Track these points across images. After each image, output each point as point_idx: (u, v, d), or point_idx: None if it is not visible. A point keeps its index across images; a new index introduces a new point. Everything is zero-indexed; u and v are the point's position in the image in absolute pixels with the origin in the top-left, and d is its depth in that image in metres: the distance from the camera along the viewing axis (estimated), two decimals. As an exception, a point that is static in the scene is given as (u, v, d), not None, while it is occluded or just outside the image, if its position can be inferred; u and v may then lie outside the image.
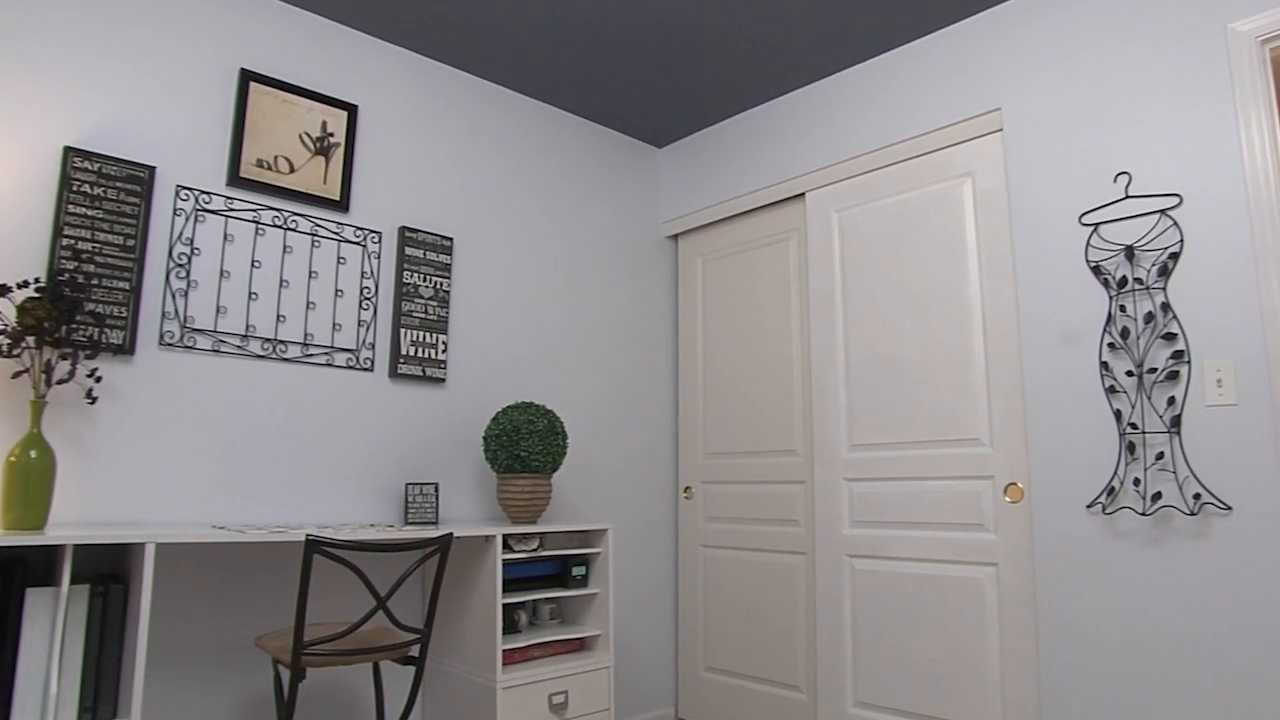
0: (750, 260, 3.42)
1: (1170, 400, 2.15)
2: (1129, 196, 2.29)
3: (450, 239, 2.95)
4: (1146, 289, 2.23)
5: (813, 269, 3.12)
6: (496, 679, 2.33)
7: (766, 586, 3.16)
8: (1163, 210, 2.22)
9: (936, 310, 2.72)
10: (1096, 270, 2.33)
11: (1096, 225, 2.35)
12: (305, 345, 2.56)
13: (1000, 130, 2.62)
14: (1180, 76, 2.23)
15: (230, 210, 2.46)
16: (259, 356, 2.46)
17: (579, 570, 2.71)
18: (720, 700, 3.27)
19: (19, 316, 1.91)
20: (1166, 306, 2.18)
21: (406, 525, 2.52)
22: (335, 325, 2.64)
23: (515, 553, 2.51)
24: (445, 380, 2.89)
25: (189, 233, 2.37)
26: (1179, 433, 2.13)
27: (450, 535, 2.04)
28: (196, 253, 2.38)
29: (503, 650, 2.40)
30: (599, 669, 2.60)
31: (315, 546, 1.79)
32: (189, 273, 2.36)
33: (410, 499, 2.57)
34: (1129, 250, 2.26)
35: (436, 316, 2.87)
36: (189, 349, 2.34)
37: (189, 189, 2.38)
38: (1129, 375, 2.23)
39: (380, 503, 2.68)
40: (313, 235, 2.62)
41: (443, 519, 2.84)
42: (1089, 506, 2.28)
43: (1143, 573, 2.17)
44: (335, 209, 2.68)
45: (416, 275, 2.84)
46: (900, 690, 2.65)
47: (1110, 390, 2.27)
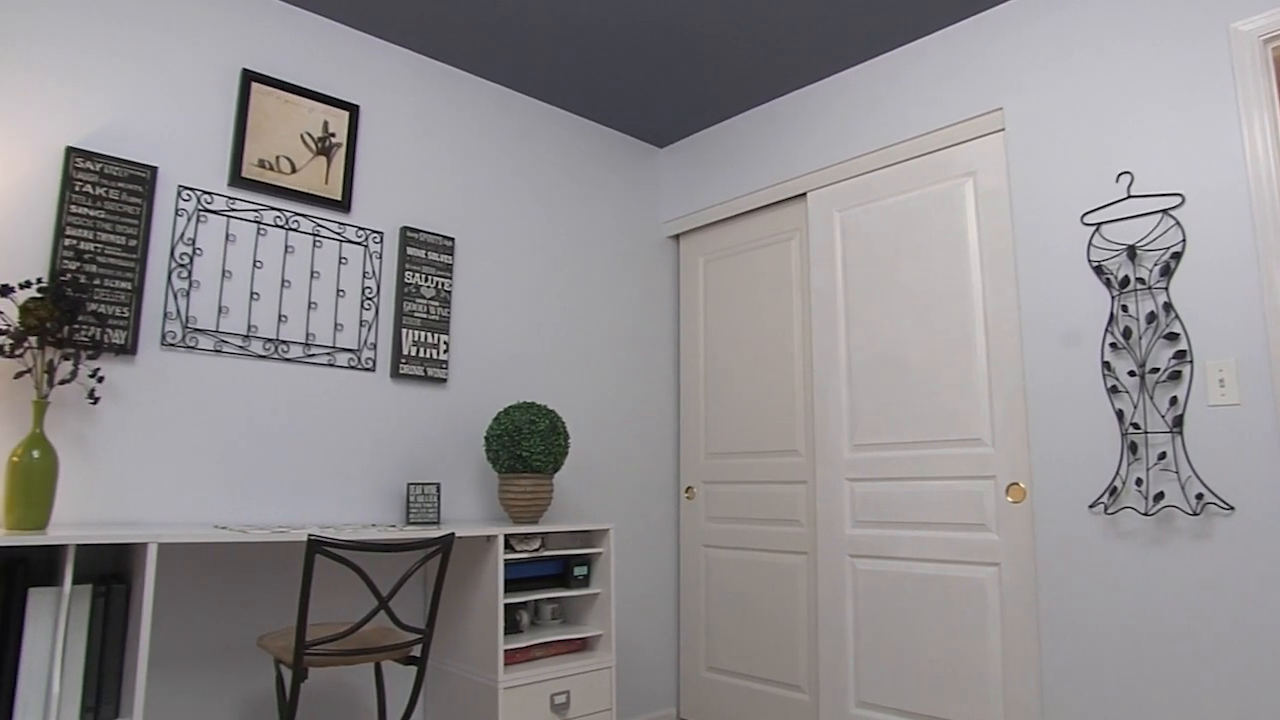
0: (752, 260, 3.42)
1: (1172, 400, 2.15)
2: (1131, 196, 2.28)
3: (452, 239, 2.95)
4: (1149, 289, 2.23)
5: (814, 269, 3.12)
6: (498, 679, 2.33)
7: (768, 586, 3.15)
8: (1165, 210, 2.22)
9: (938, 310, 2.72)
10: (1099, 270, 2.33)
11: (1099, 225, 2.35)
12: (307, 345, 2.57)
13: (1002, 130, 2.62)
14: (1182, 76, 2.23)
15: (232, 210, 2.46)
16: (261, 357, 2.46)
17: (581, 570, 2.71)
18: (722, 700, 3.27)
19: (21, 317, 1.91)
20: (1169, 306, 2.18)
21: (408, 525, 2.53)
22: (337, 325, 2.64)
23: (517, 553, 2.51)
24: (447, 380, 2.89)
25: (191, 233, 2.37)
26: (1181, 433, 2.13)
27: (452, 535, 2.04)
28: (198, 253, 2.38)
29: (504, 650, 2.40)
30: (601, 669, 2.60)
31: (317, 546, 1.79)
32: (191, 273, 2.36)
33: (412, 499, 2.58)
34: (1131, 250, 2.26)
35: (438, 316, 2.87)
36: (191, 349, 2.34)
37: (191, 189, 2.38)
38: (1131, 375, 2.23)
39: (382, 503, 2.68)
40: (314, 235, 2.63)
41: (444, 519, 2.84)
42: (1091, 506, 2.28)
43: (1145, 573, 2.16)
44: (337, 209, 2.68)
45: (418, 275, 2.84)
46: (902, 690, 2.65)
47: (1112, 390, 2.26)
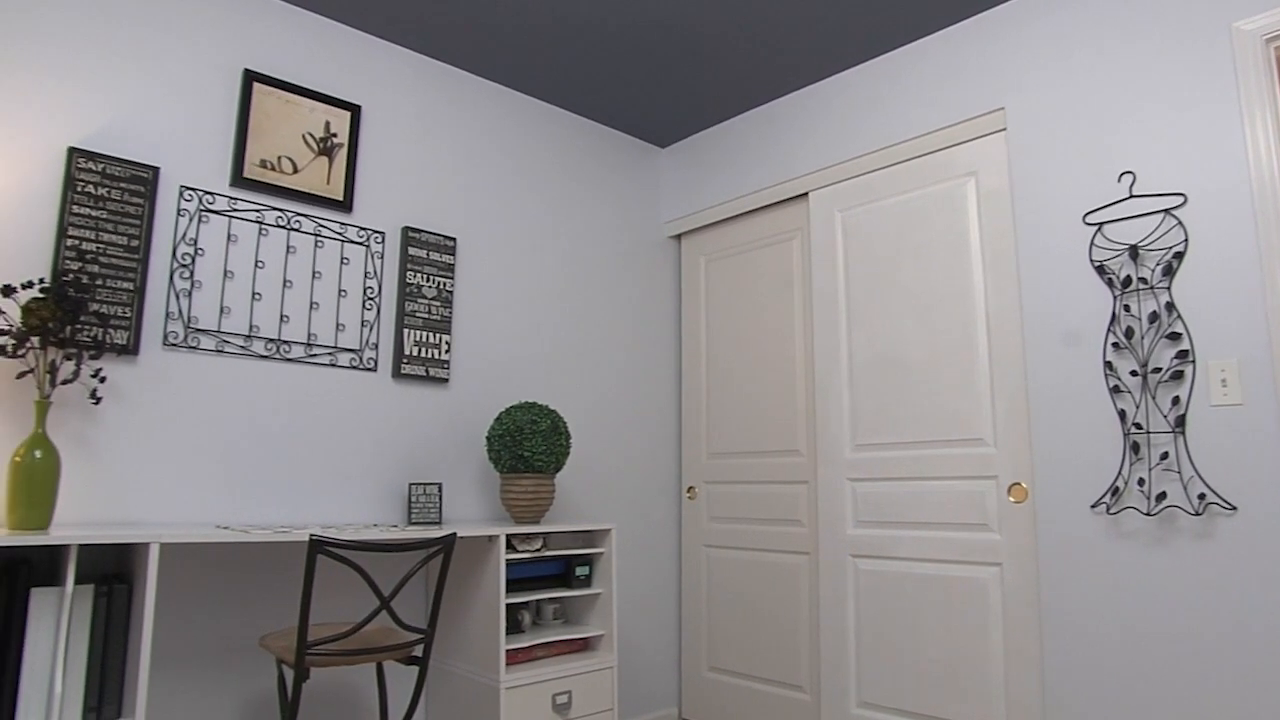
0: (753, 260, 3.42)
1: (1175, 400, 2.14)
2: (1133, 196, 2.28)
3: (453, 239, 2.95)
4: (1151, 288, 2.22)
5: (816, 269, 3.12)
6: (500, 679, 2.33)
7: (770, 587, 3.15)
8: (1167, 210, 2.22)
9: (940, 310, 2.72)
10: (1101, 270, 2.32)
11: (1101, 225, 2.35)
12: (309, 345, 2.57)
13: (1004, 130, 2.62)
14: (1184, 75, 2.23)
15: (234, 210, 2.46)
16: (262, 357, 2.47)
17: (582, 570, 2.71)
18: (724, 700, 3.27)
19: (24, 317, 1.91)
20: (1171, 306, 2.18)
21: (410, 525, 2.53)
22: (339, 325, 2.64)
23: (519, 553, 2.51)
24: (448, 380, 2.89)
25: (193, 233, 2.37)
26: (1184, 432, 2.12)
27: (454, 535, 2.04)
28: (200, 253, 2.38)
29: (506, 650, 2.40)
30: (602, 669, 2.60)
31: (319, 546, 1.79)
32: (193, 273, 2.36)
33: (414, 499, 2.58)
34: (1133, 250, 2.25)
35: (440, 316, 2.87)
36: (193, 349, 2.34)
37: (193, 189, 2.38)
38: (1133, 375, 2.23)
39: (384, 503, 2.68)
40: (316, 235, 2.63)
41: (446, 519, 2.84)
42: (1093, 507, 2.28)
43: (1147, 573, 2.16)
44: (338, 209, 2.68)
45: (420, 275, 2.84)
46: (904, 690, 2.65)
47: (1114, 390, 2.26)
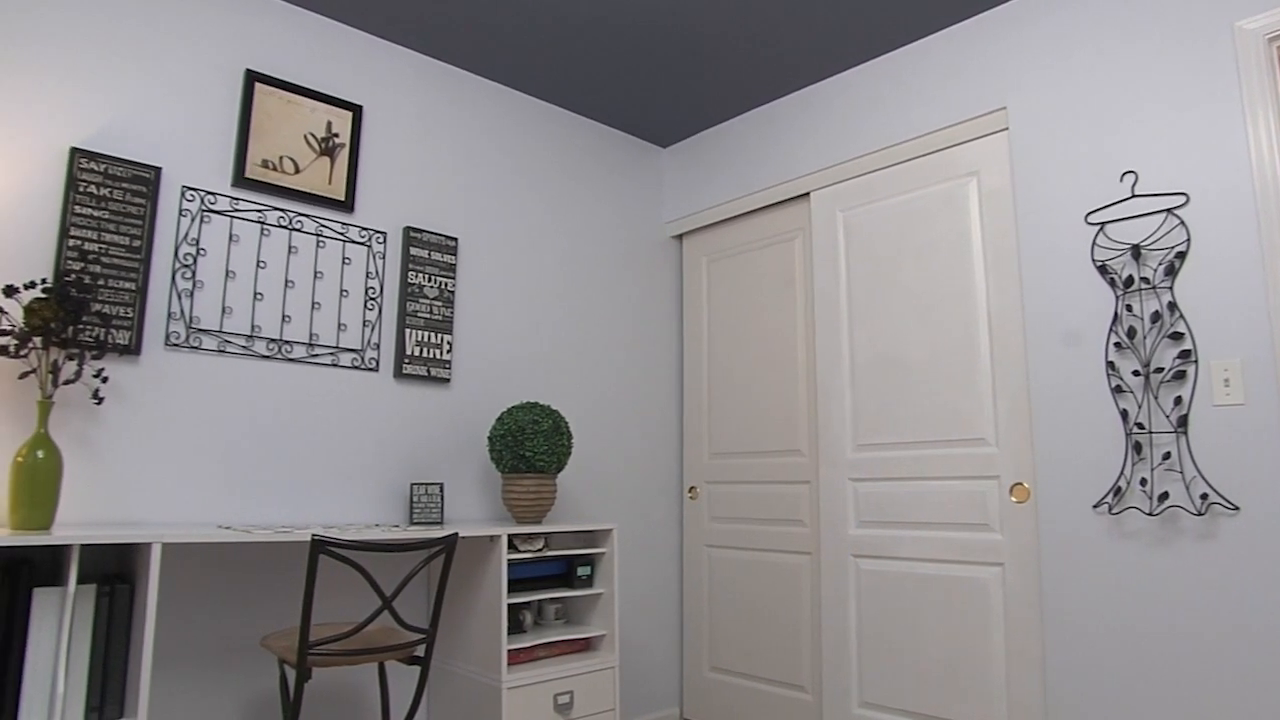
0: (755, 260, 3.42)
1: (1177, 400, 2.14)
2: (1135, 195, 2.28)
3: (455, 239, 2.95)
4: (1153, 288, 2.22)
5: (817, 269, 3.12)
6: (502, 679, 2.33)
7: (771, 587, 3.15)
8: (1169, 209, 2.21)
9: (942, 310, 2.72)
10: (1103, 269, 2.32)
11: (1103, 224, 2.34)
12: (310, 345, 2.57)
13: (1006, 129, 2.62)
14: (1186, 74, 2.22)
15: (235, 211, 2.46)
16: (264, 357, 2.47)
17: (584, 570, 2.71)
18: (725, 700, 3.27)
19: (26, 317, 1.91)
20: (1173, 306, 2.17)
21: (412, 525, 2.53)
22: (340, 325, 2.64)
23: (520, 553, 2.51)
24: (450, 380, 2.89)
25: (194, 233, 2.37)
26: (1186, 432, 2.12)
27: (455, 535, 2.04)
28: (202, 253, 2.38)
29: (508, 650, 2.40)
30: (604, 669, 2.60)
31: (321, 546, 1.80)
32: (194, 273, 2.36)
33: (415, 499, 2.58)
34: (1135, 249, 2.25)
35: (441, 316, 2.88)
36: (195, 349, 2.34)
37: (194, 190, 2.38)
38: (1135, 375, 2.23)
39: (385, 503, 2.68)
40: (318, 235, 2.63)
41: (448, 519, 2.84)
42: (1095, 507, 2.28)
43: (1149, 573, 2.16)
44: (340, 209, 2.68)
45: (421, 275, 2.84)
46: (905, 690, 2.65)
47: (1116, 390, 2.26)
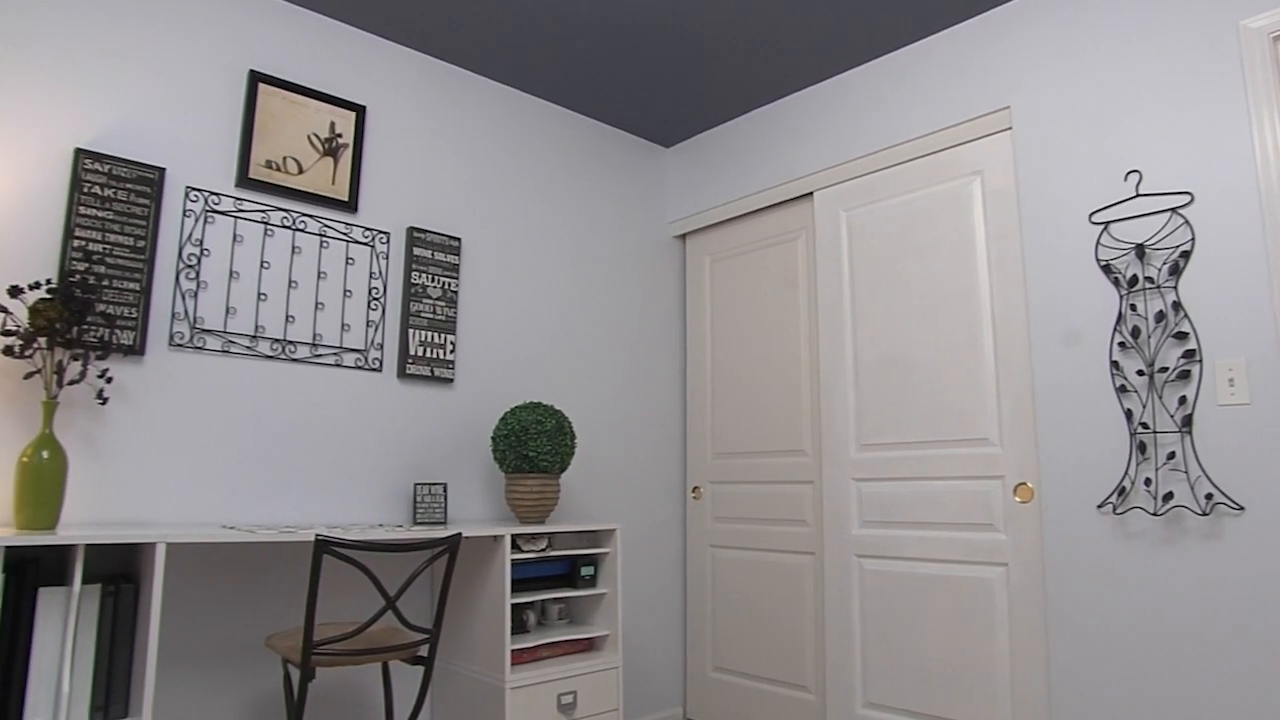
0: (758, 260, 3.42)
1: (1181, 400, 2.14)
2: (1139, 195, 2.27)
3: (458, 239, 2.95)
4: (1157, 288, 2.21)
5: (821, 268, 3.12)
6: (505, 679, 2.33)
7: (775, 587, 3.15)
8: (1173, 208, 2.21)
9: (946, 310, 2.71)
10: (1107, 269, 2.32)
11: (1107, 224, 2.34)
12: (314, 345, 2.57)
13: (1009, 129, 2.61)
14: (1191, 73, 2.22)
15: (239, 211, 2.47)
16: (268, 357, 2.47)
17: (587, 570, 2.71)
18: (729, 701, 3.27)
19: (31, 318, 1.92)
20: (1178, 305, 2.17)
21: (415, 525, 2.53)
22: (344, 326, 2.65)
23: (524, 553, 2.52)
24: (453, 380, 2.90)
25: (198, 234, 2.38)
26: (1190, 432, 2.12)
27: (459, 535, 2.05)
28: (206, 253, 2.39)
29: (511, 650, 2.41)
30: (607, 669, 2.60)
31: (325, 546, 1.80)
32: (198, 273, 2.37)
33: (419, 499, 2.58)
34: (1139, 249, 2.24)
35: (444, 317, 2.88)
36: (199, 349, 2.35)
37: (198, 190, 2.39)
38: (1140, 374, 2.22)
39: (389, 503, 2.69)
40: (321, 236, 2.63)
41: (451, 519, 2.84)
42: (1099, 507, 2.27)
43: (1154, 573, 2.15)
44: (344, 209, 2.68)
45: (425, 275, 2.84)
46: (909, 691, 2.65)
47: (1121, 390, 2.25)
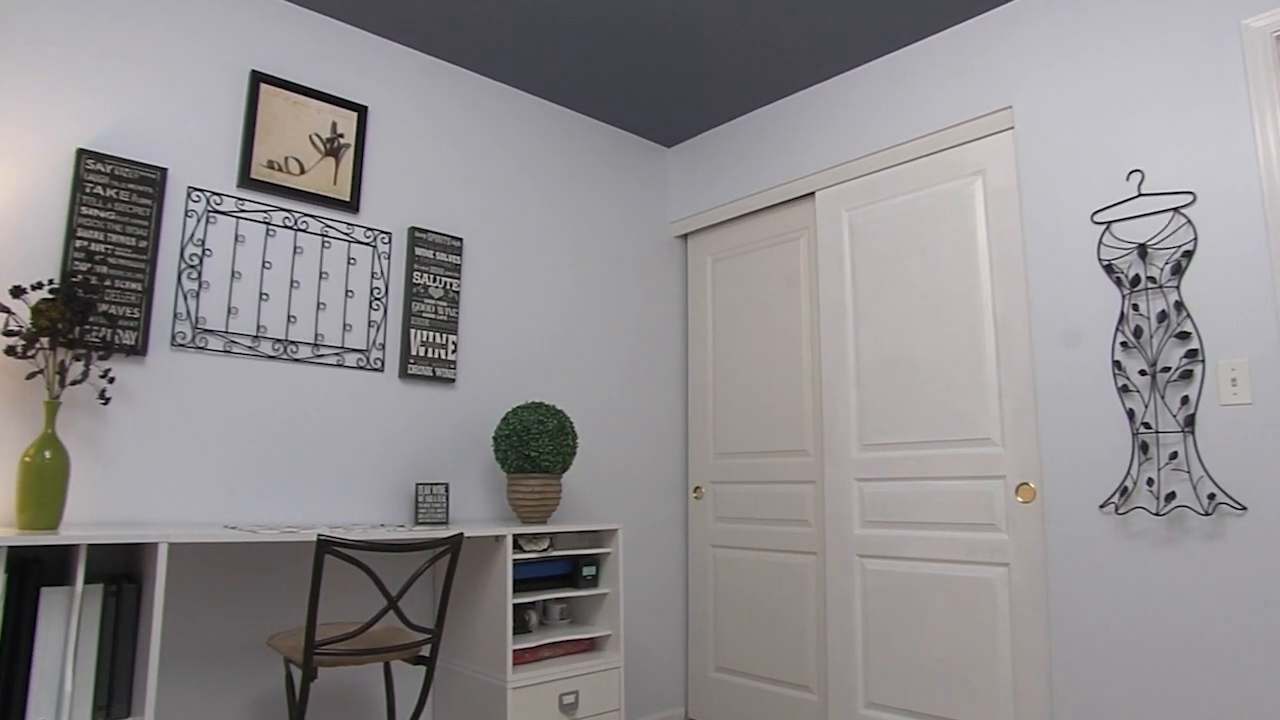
0: (760, 260, 3.42)
1: (1184, 399, 2.13)
2: (1141, 194, 2.27)
3: (460, 239, 2.95)
4: (1160, 287, 2.21)
5: (823, 268, 3.11)
6: (507, 679, 2.33)
7: (777, 587, 3.15)
8: (1176, 208, 2.21)
9: (947, 309, 2.71)
10: (1109, 269, 2.31)
11: (1109, 223, 2.34)
12: (316, 346, 2.57)
13: (1011, 128, 2.61)
14: (1193, 73, 2.22)
15: (241, 211, 2.47)
16: (270, 357, 2.47)
17: (589, 570, 2.72)
18: (730, 701, 3.27)
19: (33, 318, 1.92)
20: (1180, 305, 2.16)
21: (417, 525, 2.53)
22: (345, 326, 2.65)
23: (525, 553, 2.52)
24: (455, 380, 2.90)
25: (200, 234, 2.38)
26: (1193, 432, 2.11)
27: (461, 535, 2.05)
28: (208, 254, 2.39)
29: (513, 650, 2.41)
30: (609, 669, 2.60)
31: (327, 546, 1.80)
32: (200, 274, 2.37)
33: (421, 499, 2.58)
34: (1142, 248, 2.24)
35: (446, 317, 2.88)
36: (201, 350, 2.35)
37: (200, 190, 2.39)
38: (1142, 374, 2.22)
39: (391, 503, 2.69)
40: (323, 236, 2.63)
41: (453, 519, 2.85)
42: (1102, 507, 2.27)
43: (1156, 573, 2.15)
44: (345, 210, 2.68)
45: (426, 275, 2.84)
46: (911, 691, 2.64)
47: (1123, 389, 2.25)
